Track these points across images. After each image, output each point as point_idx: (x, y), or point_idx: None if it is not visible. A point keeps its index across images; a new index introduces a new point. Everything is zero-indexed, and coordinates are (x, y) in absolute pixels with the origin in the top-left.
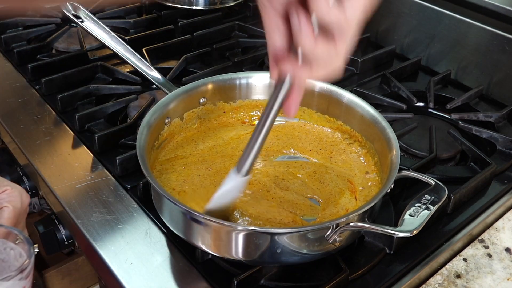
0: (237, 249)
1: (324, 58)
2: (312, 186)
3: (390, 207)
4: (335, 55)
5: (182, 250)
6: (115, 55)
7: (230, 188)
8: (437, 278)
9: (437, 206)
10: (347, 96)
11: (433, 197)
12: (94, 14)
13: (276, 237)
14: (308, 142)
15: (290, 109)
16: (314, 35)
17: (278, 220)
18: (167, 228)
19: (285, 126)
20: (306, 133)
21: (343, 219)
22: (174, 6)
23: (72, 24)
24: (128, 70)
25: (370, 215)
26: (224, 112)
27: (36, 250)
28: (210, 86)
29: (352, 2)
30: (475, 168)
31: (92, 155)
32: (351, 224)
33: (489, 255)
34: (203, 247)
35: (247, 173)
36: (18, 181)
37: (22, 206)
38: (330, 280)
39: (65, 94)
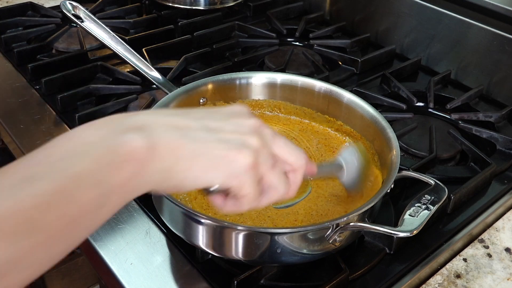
0: (237, 249)
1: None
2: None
3: (390, 207)
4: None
5: (182, 250)
6: (115, 55)
7: None
8: (437, 278)
9: (437, 206)
10: (347, 96)
11: (433, 197)
12: (94, 14)
13: (276, 237)
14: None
15: None
16: None
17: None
18: (167, 228)
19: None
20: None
21: (343, 219)
22: (174, 6)
23: (72, 24)
24: (128, 70)
25: (370, 215)
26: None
27: None
28: (210, 86)
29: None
30: (475, 168)
31: None
32: (351, 224)
33: (489, 255)
34: (203, 247)
35: None
36: None
37: None
38: (330, 280)
39: (65, 94)
